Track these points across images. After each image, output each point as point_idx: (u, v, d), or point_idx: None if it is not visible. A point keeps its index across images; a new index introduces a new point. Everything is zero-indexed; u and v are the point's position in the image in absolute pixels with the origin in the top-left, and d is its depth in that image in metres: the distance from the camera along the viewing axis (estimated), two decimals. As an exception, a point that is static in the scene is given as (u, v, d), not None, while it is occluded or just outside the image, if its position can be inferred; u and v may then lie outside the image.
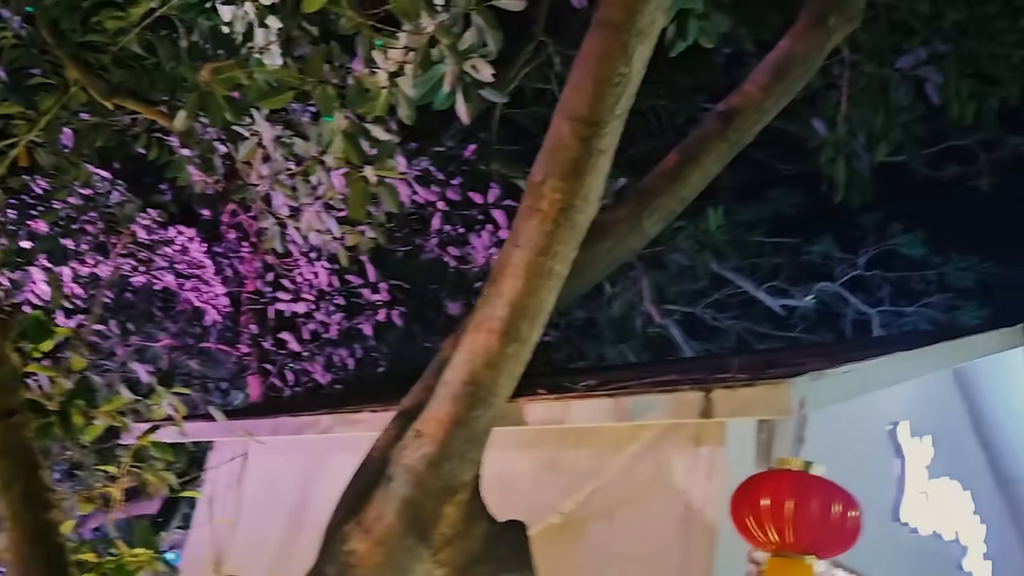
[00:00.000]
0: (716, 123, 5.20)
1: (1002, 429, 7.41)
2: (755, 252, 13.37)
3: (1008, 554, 7.72)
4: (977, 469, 7.38)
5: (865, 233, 12.62)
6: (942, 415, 6.86)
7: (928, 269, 12.66)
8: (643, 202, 5.20)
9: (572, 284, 5.35)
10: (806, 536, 3.34)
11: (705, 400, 3.93)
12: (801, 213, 13.07)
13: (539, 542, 4.80)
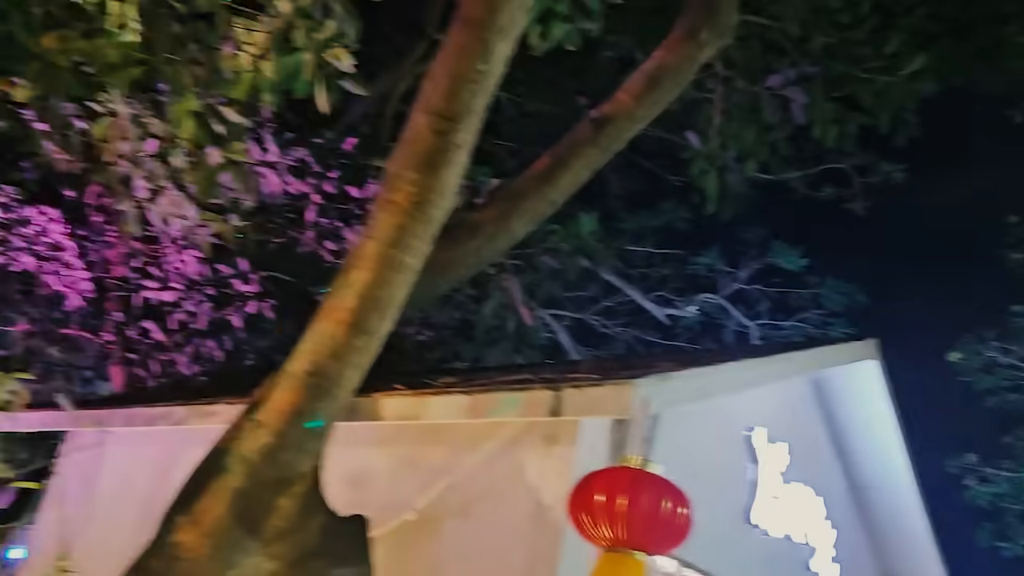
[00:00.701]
0: (588, 129, 5.30)
1: (856, 438, 7.76)
2: (645, 262, 13.69)
3: (858, 557, 8.09)
4: (832, 476, 7.70)
5: (748, 248, 13.03)
6: (799, 423, 7.13)
7: (805, 287, 13.16)
8: (513, 203, 5.25)
9: (439, 281, 5.37)
10: (637, 532, 3.41)
11: (555, 398, 3.97)
12: (690, 225, 13.44)
13: (393, 539, 4.79)
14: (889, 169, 12.34)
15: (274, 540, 3.34)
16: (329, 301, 3.62)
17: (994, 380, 14.64)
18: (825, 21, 6.13)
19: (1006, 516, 15.15)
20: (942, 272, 16.47)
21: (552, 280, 6.56)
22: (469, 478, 4.63)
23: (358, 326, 3.53)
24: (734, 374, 5.01)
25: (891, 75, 6.51)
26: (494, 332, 6.62)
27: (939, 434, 16.02)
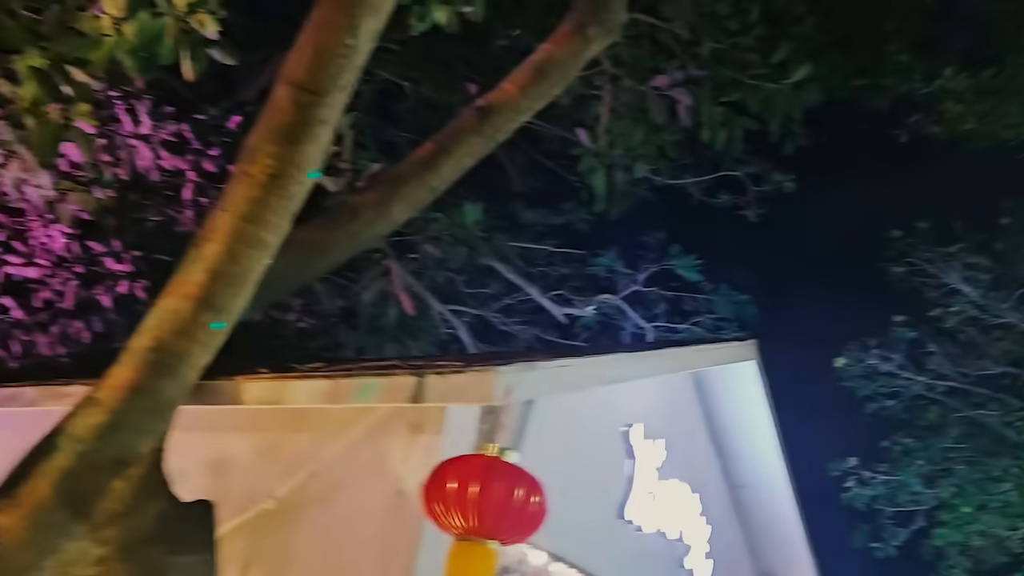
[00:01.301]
0: (472, 117, 5.24)
1: (734, 437, 7.93)
2: (546, 260, 13.74)
3: (734, 555, 8.27)
4: (710, 473, 7.85)
5: (647, 251, 13.21)
6: (679, 420, 7.24)
7: (699, 292, 13.41)
8: (393, 188, 5.15)
9: (315, 263, 5.23)
10: (488, 521, 3.36)
11: (417, 385, 3.90)
12: (591, 226, 13.55)
13: (252, 527, 4.63)
14: (780, 179, 12.72)
15: (105, 524, 3.16)
16: (178, 276, 3.46)
17: (874, 387, 15.23)
18: (714, 26, 6.24)
19: (880, 518, 15.79)
20: (830, 281, 17.08)
21: (435, 269, 6.48)
22: (332, 466, 4.51)
23: (207, 302, 3.38)
24: (605, 367, 5.03)
25: (777, 83, 6.67)
26: (376, 321, 6.52)
27: (824, 438, 16.62)
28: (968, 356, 15.24)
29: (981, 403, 15.08)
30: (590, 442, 5.85)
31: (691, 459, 7.33)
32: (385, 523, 4.26)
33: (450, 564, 3.46)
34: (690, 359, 6.37)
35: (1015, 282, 14.19)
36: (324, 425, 4.61)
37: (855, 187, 16.32)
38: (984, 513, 14.33)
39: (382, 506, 4.31)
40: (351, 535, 4.35)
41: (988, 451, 14.64)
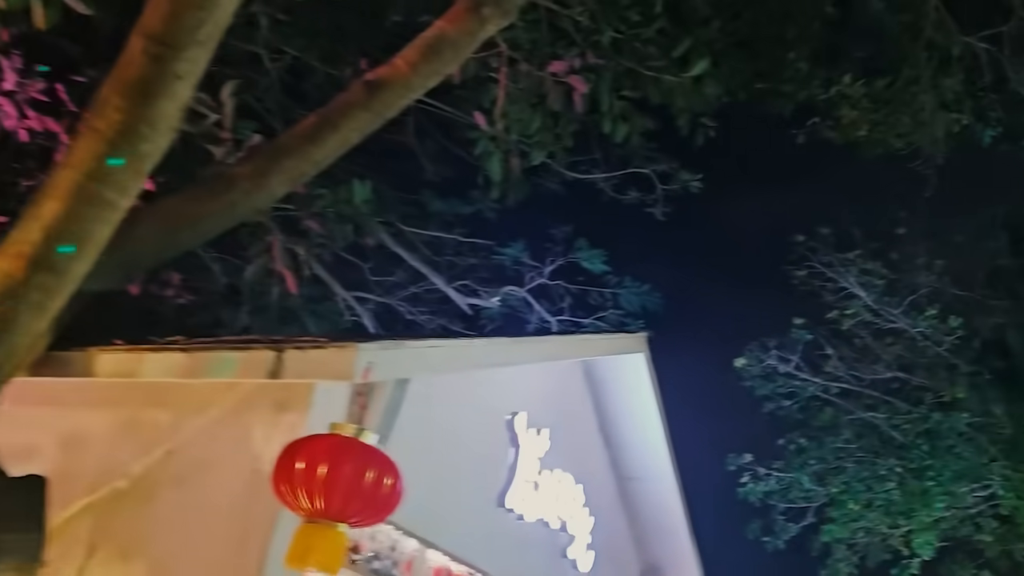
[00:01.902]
0: (361, 92, 5.09)
1: (623, 429, 7.97)
2: (453, 250, 13.64)
3: (619, 546, 8.32)
4: (597, 465, 7.88)
5: (555, 244, 13.21)
6: (567, 411, 7.23)
7: (606, 286, 13.49)
8: (274, 160, 4.97)
9: (186, 235, 5.00)
10: (336, 502, 3.24)
11: (276, 360, 3.75)
12: (499, 216, 13.50)
13: (104, 506, 4.41)
14: (687, 178, 12.89)
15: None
16: (12, 234, 3.23)
17: (772, 387, 15.61)
18: (614, 15, 6.22)
19: (772, 513, 16.20)
20: (734, 282, 17.43)
21: (325, 248, 6.30)
22: (191, 444, 4.33)
23: (41, 263, 3.17)
24: (480, 351, 4.95)
25: (677, 76, 6.68)
26: (259, 299, 6.31)
27: (722, 433, 17.00)
28: (862, 360, 15.74)
29: (872, 405, 15.59)
30: (472, 429, 5.78)
31: (578, 449, 7.33)
32: (242, 505, 4.09)
33: (294, 547, 3.32)
34: (573, 348, 6.35)
35: (907, 289, 14.71)
36: (186, 402, 4.42)
37: (760, 190, 16.69)
38: (869, 511, 14.83)
39: (240, 487, 4.15)
40: (206, 517, 4.17)
41: (876, 451, 15.14)
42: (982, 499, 14.12)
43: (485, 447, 5.99)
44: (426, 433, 5.21)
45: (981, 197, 14.95)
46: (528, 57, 5.96)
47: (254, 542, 3.95)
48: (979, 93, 9.25)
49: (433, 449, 5.27)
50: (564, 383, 7.24)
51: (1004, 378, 13.20)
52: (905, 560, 14.27)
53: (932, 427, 13.82)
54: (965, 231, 15.37)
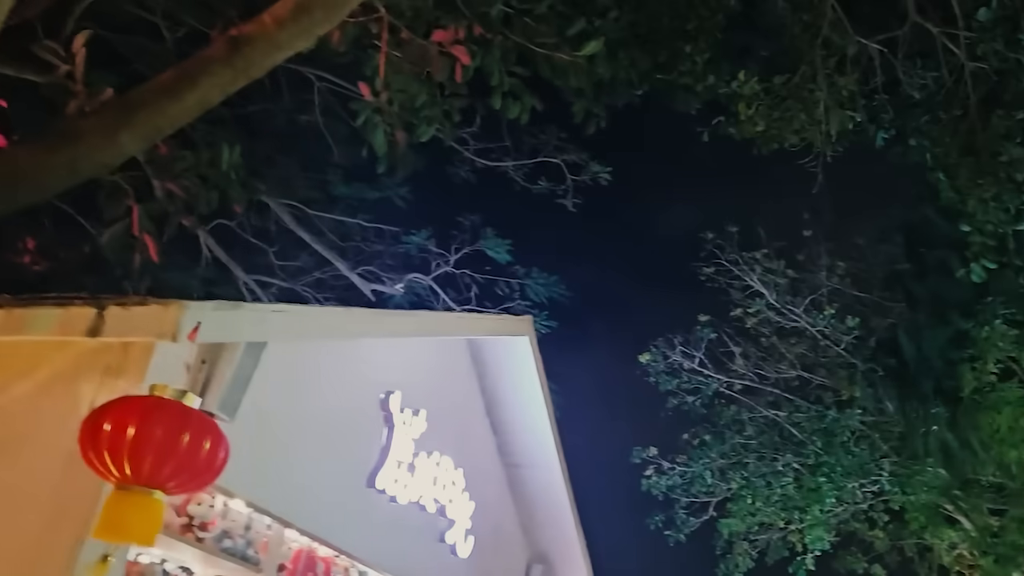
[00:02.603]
0: (224, 47, 4.85)
1: (510, 415, 7.87)
2: (360, 235, 13.39)
3: (506, 533, 8.22)
4: (483, 450, 7.76)
5: (462, 232, 13.06)
6: (450, 393, 7.09)
7: (512, 277, 13.41)
8: (125, 114, 4.70)
9: (26, 191, 4.69)
10: (147, 468, 3.03)
11: (96, 317, 3.50)
12: (407, 204, 13.30)
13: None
14: (597, 170, 12.90)
15: None
16: None
17: (677, 382, 15.75)
18: (506, -11, 6.11)
19: (675, 507, 16.36)
20: (643, 277, 17.56)
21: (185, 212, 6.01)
22: (10, 411, 4.03)
23: None
24: (335, 319, 4.76)
25: (569, 56, 6.60)
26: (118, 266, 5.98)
27: (627, 427, 17.13)
28: (765, 358, 16.03)
29: (774, 403, 15.90)
30: (343, 405, 5.58)
31: (461, 433, 7.20)
32: (62, 477, 3.82)
33: (104, 517, 3.10)
34: (447, 325, 6.21)
35: (808, 288, 15.01)
36: (10, 364, 4.12)
37: (670, 186, 16.86)
38: (767, 506, 15.09)
39: (61, 458, 3.87)
40: (22, 490, 3.88)
41: (776, 448, 15.43)
42: (872, 494, 14.51)
43: (356, 425, 5.80)
44: (288, 406, 5.01)
45: (880, 201, 15.36)
46: (411, 25, 5.79)
47: (71, 520, 3.68)
48: (873, 93, 9.47)
49: (296, 423, 5.07)
50: (448, 364, 7.10)
51: (896, 377, 13.56)
52: (800, 556, 14.55)
53: (828, 424, 14.13)
54: (865, 234, 15.80)
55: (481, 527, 7.33)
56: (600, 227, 14.57)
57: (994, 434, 10.13)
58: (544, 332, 13.62)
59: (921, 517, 11.65)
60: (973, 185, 8.75)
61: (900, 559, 17.32)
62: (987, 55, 8.88)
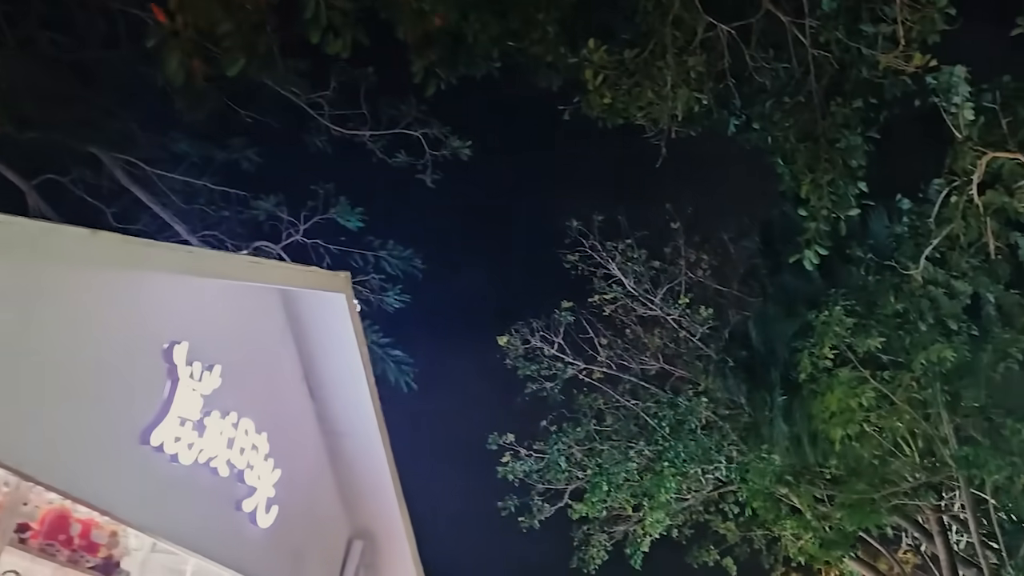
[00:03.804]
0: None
1: (330, 381, 7.48)
2: (206, 198, 12.70)
3: (324, 506, 7.81)
4: (298, 415, 7.34)
5: (314, 200, 12.55)
6: (256, 351, 6.65)
7: (367, 249, 12.99)
8: None
9: None
10: None
11: None
12: (259, 168, 12.70)
13: None
14: (457, 145, 12.62)
15: None
16: None
17: (536, 368, 15.64)
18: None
19: (530, 493, 16.26)
20: (504, 258, 17.37)
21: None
22: None
23: None
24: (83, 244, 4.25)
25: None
26: None
27: (485, 412, 16.91)
28: (624, 347, 16.12)
29: (631, 391, 16.00)
30: (114, 351, 5.07)
31: (269, 395, 6.77)
32: None
33: None
34: (234, 269, 5.74)
35: (666, 277, 15.16)
36: None
37: (536, 167, 16.72)
38: (618, 492, 15.15)
39: None
40: None
41: (631, 436, 15.51)
42: (718, 481, 14.76)
43: (131, 376, 5.29)
44: (37, 347, 4.49)
45: (742, 195, 15.66)
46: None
47: None
48: (721, 77, 9.48)
49: (47, 367, 4.56)
50: (254, 319, 6.65)
51: (746, 368, 13.79)
52: (640, 539, 14.66)
53: (679, 412, 14.28)
54: (726, 228, 16.09)
55: (290, 497, 6.91)
56: (460, 205, 14.26)
57: (825, 417, 10.34)
58: (398, 307, 13.29)
59: (761, 504, 11.83)
60: (810, 170, 8.85)
61: (750, 551, 17.77)
62: (830, 43, 9.01)
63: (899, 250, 9.43)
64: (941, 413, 10.52)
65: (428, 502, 16.39)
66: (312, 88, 11.69)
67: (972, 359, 9.94)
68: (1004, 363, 9.70)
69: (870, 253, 11.44)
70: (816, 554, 11.47)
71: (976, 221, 8.74)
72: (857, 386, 10.33)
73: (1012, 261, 9.15)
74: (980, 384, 10.04)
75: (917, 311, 9.32)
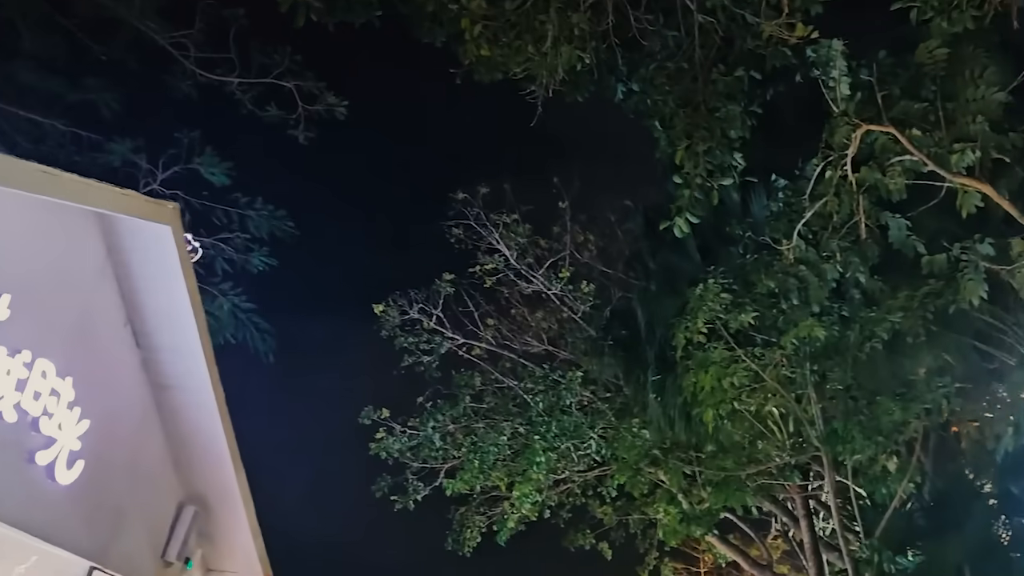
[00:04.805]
0: None
1: (160, 331, 6.79)
2: (56, 140, 11.68)
3: (145, 464, 7.11)
4: (116, 362, 6.62)
5: (177, 148, 11.67)
6: (62, 285, 5.91)
7: (233, 206, 12.20)
8: None
9: None
10: None
11: None
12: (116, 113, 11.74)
13: None
14: (333, 102, 11.96)
15: None
16: None
17: (413, 340, 15.11)
18: None
19: (405, 472, 15.75)
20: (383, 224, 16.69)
21: None
22: None
23: None
24: None
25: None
26: None
27: (358, 386, 16.27)
28: (509, 326, 15.76)
29: (510, 369, 15.65)
30: None
31: (78, 336, 6.04)
32: None
33: None
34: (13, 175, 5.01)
35: (551, 253, 14.85)
36: None
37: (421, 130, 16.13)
38: (494, 470, 14.80)
39: None
40: None
41: (508, 414, 15.16)
42: (596, 462, 14.56)
43: None
44: None
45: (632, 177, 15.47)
46: None
47: None
48: (607, 37, 9.16)
49: None
50: (63, 251, 5.91)
51: (625, 347, 13.60)
52: (507, 515, 14.36)
53: (555, 388, 14.02)
54: (612, 208, 15.89)
55: (103, 452, 6.21)
56: (336, 166, 13.55)
57: (697, 395, 10.19)
58: (262, 269, 12.57)
59: (630, 479, 11.64)
60: (687, 137, 8.61)
61: (625, 536, 17.71)
62: (716, 10, 8.79)
63: (773, 227, 9.30)
64: (810, 393, 10.53)
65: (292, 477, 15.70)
66: (173, 27, 10.85)
67: (840, 339, 9.95)
68: (870, 343, 9.71)
69: (749, 232, 11.39)
70: (678, 529, 11.35)
71: (849, 198, 8.68)
72: (729, 366, 10.22)
73: (882, 243, 9.12)
74: (847, 364, 10.06)
75: (785, 289, 9.20)
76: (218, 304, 12.44)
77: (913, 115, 8.15)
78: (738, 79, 8.84)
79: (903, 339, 9.67)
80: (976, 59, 8.00)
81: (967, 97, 7.99)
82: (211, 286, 12.17)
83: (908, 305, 9.46)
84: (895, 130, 8.04)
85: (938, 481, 11.22)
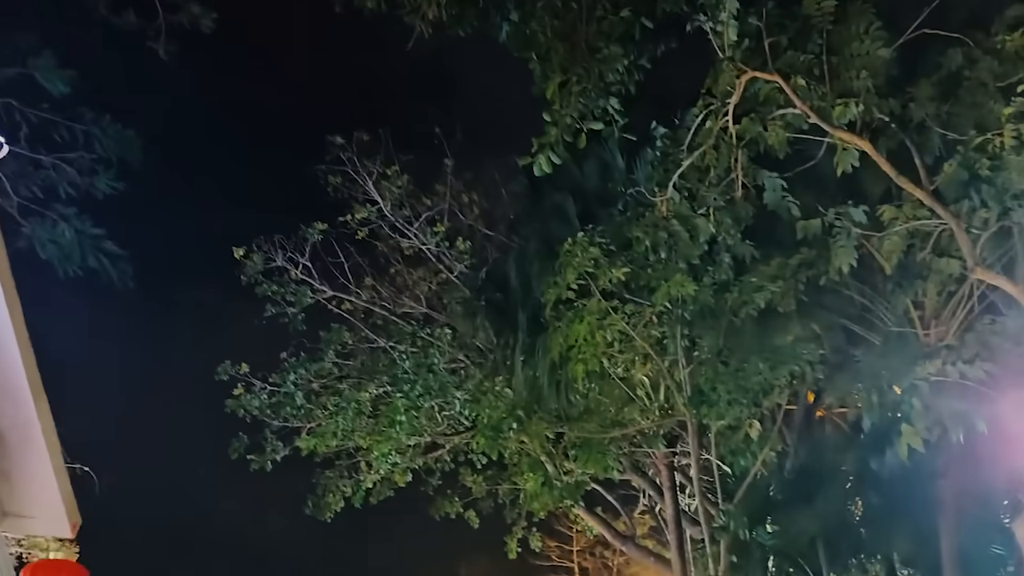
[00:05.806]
0: None
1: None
2: None
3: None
4: None
5: (7, 49, 10.36)
6: None
7: (77, 121, 10.98)
8: None
9: None
10: None
11: None
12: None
13: None
14: (199, 12, 10.87)
15: None
16: None
17: (278, 290, 14.18)
18: None
19: (263, 430, 14.85)
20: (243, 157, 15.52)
21: None
22: None
23: None
24: None
25: None
26: None
27: (216, 339, 15.23)
28: (384, 285, 14.99)
29: (382, 327, 14.87)
30: None
31: None
32: None
33: None
34: None
35: (427, 208, 14.13)
36: None
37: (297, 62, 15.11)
38: (354, 428, 14.08)
39: None
40: None
41: (373, 371, 14.44)
42: (462, 424, 14.05)
43: None
44: None
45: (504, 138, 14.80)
46: None
47: None
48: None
49: None
50: None
51: (498, 309, 13.09)
52: (365, 476, 13.73)
53: (424, 347, 13.42)
54: (497, 168, 15.26)
55: None
56: (200, 87, 12.46)
57: (566, 353, 9.75)
58: (109, 193, 11.40)
59: (489, 441, 11.15)
60: (562, 72, 8.10)
61: (494, 505, 17.30)
62: (604, -56, 8.30)
63: (648, 177, 8.91)
64: (679, 359, 10.26)
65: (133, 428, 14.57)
66: None
67: (716, 304, 9.68)
68: (745, 309, 9.45)
69: (631, 190, 11.00)
70: (540, 493, 10.96)
71: (728, 151, 8.35)
72: (604, 318, 9.83)
73: (757, 204, 8.85)
74: (720, 330, 9.81)
75: (655, 243, 8.84)
76: (59, 230, 11.23)
77: (799, 66, 7.87)
78: (624, 19, 8.37)
79: (774, 309, 9.48)
80: (864, 14, 7.77)
81: (852, 52, 7.77)
82: (53, 211, 10.98)
83: (780, 274, 9.25)
84: (780, 79, 7.74)
85: (800, 454, 11.18)
